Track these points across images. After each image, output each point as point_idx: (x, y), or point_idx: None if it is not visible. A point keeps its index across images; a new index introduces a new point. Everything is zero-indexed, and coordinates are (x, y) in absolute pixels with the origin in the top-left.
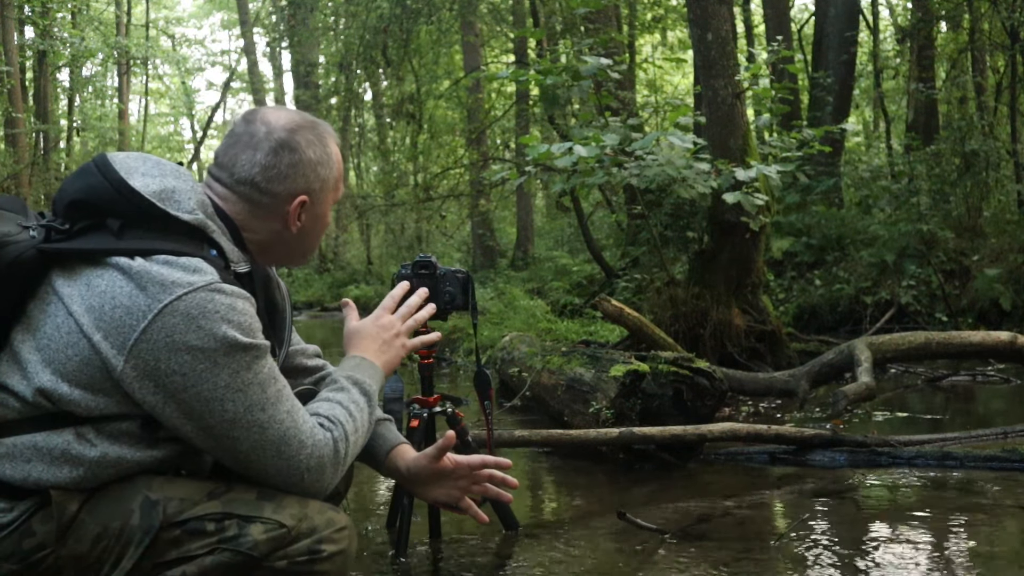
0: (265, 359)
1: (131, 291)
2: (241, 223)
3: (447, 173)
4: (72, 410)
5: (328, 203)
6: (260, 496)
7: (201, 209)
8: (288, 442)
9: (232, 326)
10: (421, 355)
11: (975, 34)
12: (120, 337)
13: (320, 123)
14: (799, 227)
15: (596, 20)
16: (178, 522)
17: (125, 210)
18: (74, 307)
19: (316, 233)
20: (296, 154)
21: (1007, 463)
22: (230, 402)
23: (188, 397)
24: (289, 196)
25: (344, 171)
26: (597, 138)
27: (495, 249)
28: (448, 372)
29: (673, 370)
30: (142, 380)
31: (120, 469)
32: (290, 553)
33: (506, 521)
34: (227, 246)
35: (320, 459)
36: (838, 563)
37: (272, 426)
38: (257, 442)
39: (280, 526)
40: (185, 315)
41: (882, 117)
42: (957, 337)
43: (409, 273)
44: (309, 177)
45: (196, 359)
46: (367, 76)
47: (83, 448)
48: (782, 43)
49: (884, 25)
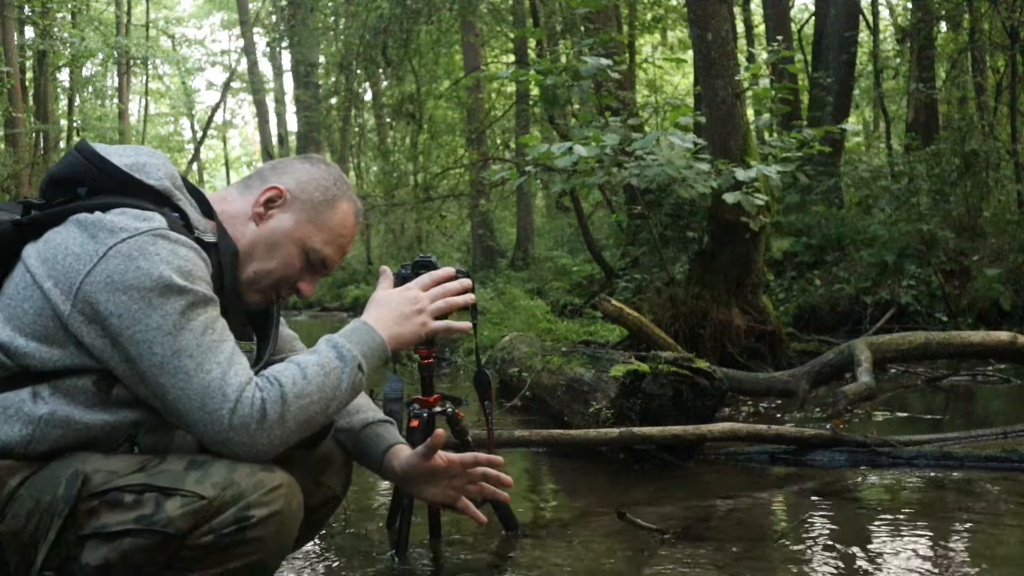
0: (205, 308)
1: (82, 240)
2: (223, 195)
3: (447, 173)
4: (28, 364)
5: (302, 234)
6: (189, 466)
7: (169, 179)
8: (212, 395)
9: (170, 268)
10: (421, 355)
11: (975, 34)
12: (67, 282)
13: (345, 182)
14: (799, 227)
15: (596, 20)
16: (98, 492)
17: (97, 179)
18: (31, 261)
19: (271, 249)
20: (302, 163)
21: (1007, 463)
22: (159, 345)
23: (124, 340)
24: (270, 186)
25: (347, 246)
26: (597, 138)
27: (495, 249)
28: (448, 372)
29: (673, 370)
30: (88, 325)
31: (68, 431)
32: (215, 526)
33: (506, 521)
34: (192, 214)
35: (244, 417)
36: (838, 563)
37: (198, 375)
38: (183, 391)
39: (199, 498)
40: (126, 256)
41: (882, 117)
42: (957, 337)
43: (409, 273)
44: (300, 184)
45: (132, 299)
46: (367, 76)
47: (34, 406)
48: (782, 43)
49: (884, 25)
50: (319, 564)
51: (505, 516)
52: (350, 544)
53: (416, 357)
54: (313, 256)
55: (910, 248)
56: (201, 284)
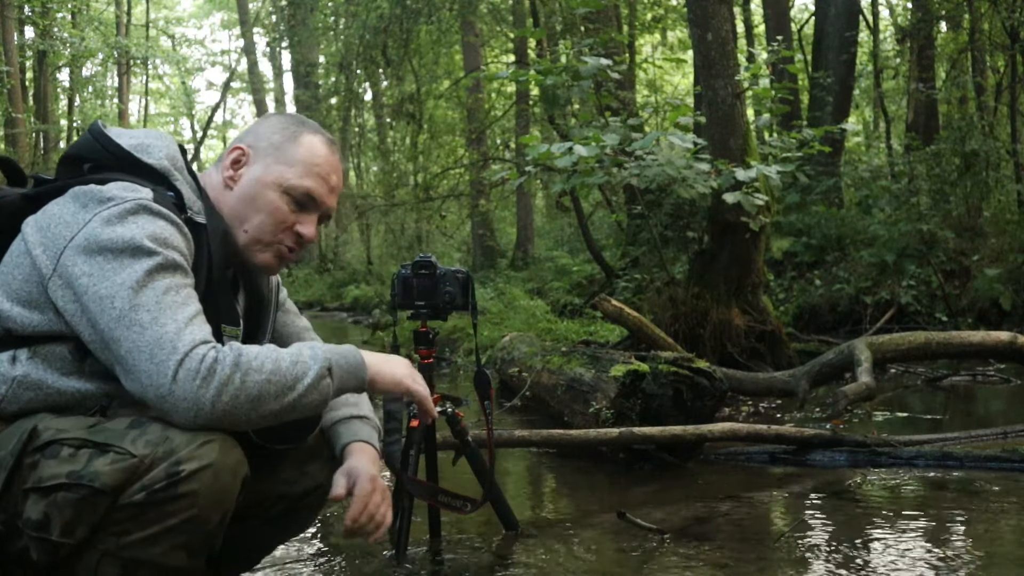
0: (172, 273)
1: (74, 209)
2: (207, 174)
3: (447, 173)
4: (10, 328)
5: (275, 176)
6: (131, 425)
7: (169, 160)
8: (162, 345)
9: (145, 233)
10: (421, 355)
11: (975, 34)
12: (54, 248)
13: (305, 121)
14: (799, 227)
15: (596, 20)
16: (41, 446)
17: (101, 157)
18: (27, 230)
19: (253, 202)
20: (259, 120)
21: (1007, 463)
22: (119, 299)
23: (89, 298)
24: (232, 147)
25: (329, 176)
26: (597, 138)
27: (495, 249)
28: (448, 372)
29: (673, 370)
30: (64, 289)
31: (39, 395)
32: (147, 483)
33: (506, 521)
34: (188, 194)
35: (189, 371)
36: (838, 563)
37: (152, 328)
38: (134, 343)
39: (130, 456)
40: (106, 220)
41: (882, 117)
42: (957, 337)
43: (409, 273)
44: (258, 135)
45: (104, 259)
46: (367, 76)
47: (10, 367)
48: (782, 43)
49: (884, 25)
50: (319, 564)
51: (505, 516)
52: (350, 544)
53: (416, 357)
54: (296, 194)
55: (910, 248)
56: (173, 252)
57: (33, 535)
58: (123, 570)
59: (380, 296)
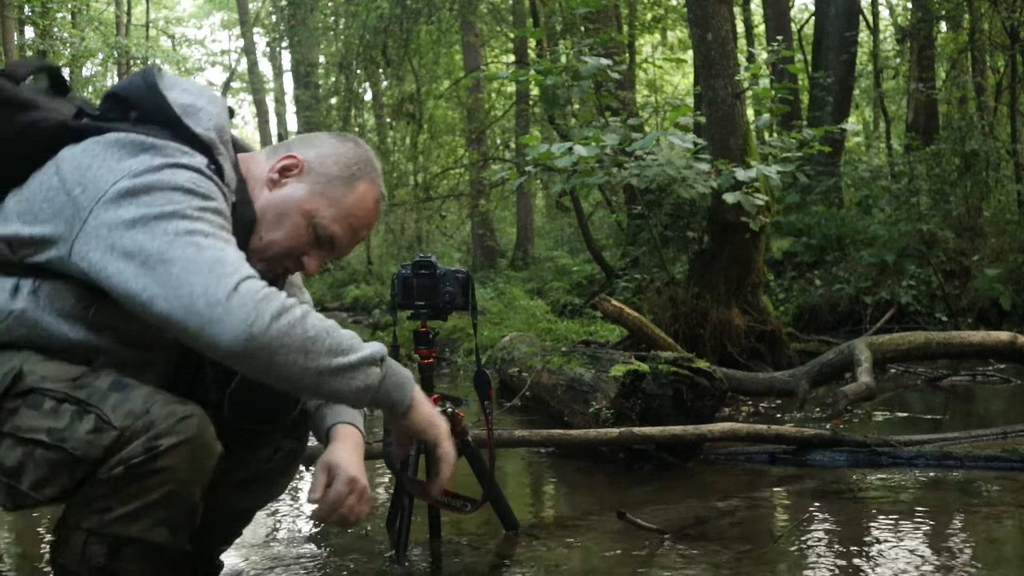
0: (225, 222)
1: (121, 155)
2: (253, 157)
3: (447, 173)
4: (24, 255)
5: (312, 206)
6: (113, 386)
7: (216, 131)
8: (224, 263)
9: (192, 184)
10: (421, 355)
11: (975, 34)
12: (95, 191)
13: (372, 165)
14: (799, 227)
15: (596, 20)
16: (23, 391)
17: (149, 109)
18: (64, 165)
19: (279, 218)
20: (332, 138)
21: (1007, 463)
22: (173, 224)
23: (138, 228)
24: (289, 154)
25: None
26: (597, 138)
27: (495, 249)
28: (448, 372)
29: (673, 370)
30: (101, 229)
31: (31, 333)
32: (125, 457)
33: (506, 521)
34: (228, 172)
35: (252, 288)
36: (838, 563)
37: (214, 249)
38: (192, 260)
39: (111, 427)
40: (158, 168)
41: (882, 117)
42: (957, 337)
43: (409, 273)
44: (320, 156)
45: (155, 196)
46: (367, 76)
47: (11, 300)
48: (782, 43)
49: (884, 25)
50: (319, 564)
51: (505, 516)
52: (350, 544)
53: (416, 357)
54: (320, 232)
55: (910, 248)
56: (225, 210)
57: (3, 479)
58: (109, 548)
59: (380, 296)
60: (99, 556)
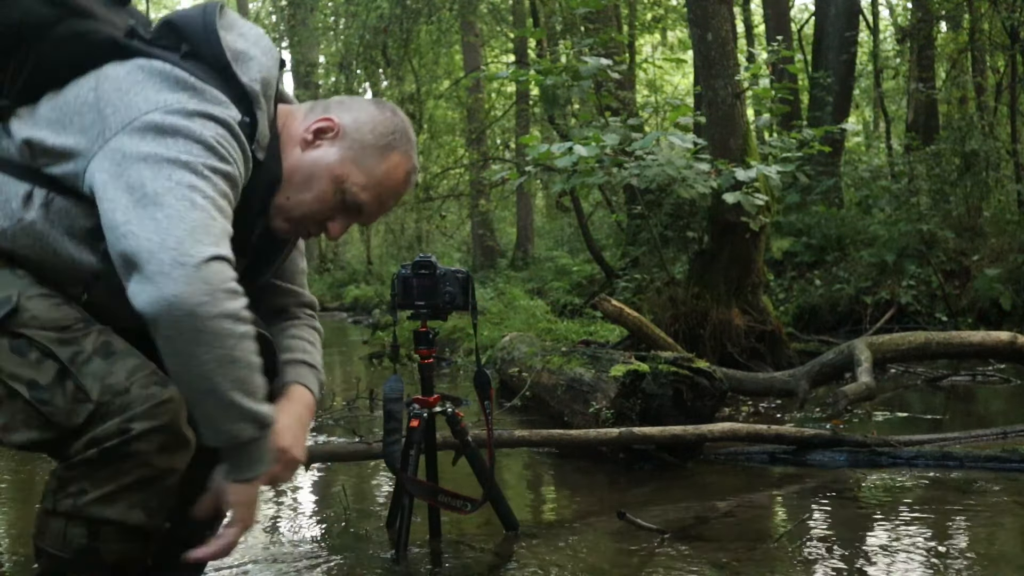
0: (232, 190)
1: (162, 86)
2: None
3: (447, 173)
4: (42, 164)
5: (342, 171)
6: (100, 350)
7: (262, 84)
8: (209, 232)
9: (222, 143)
10: (421, 355)
11: (975, 34)
12: (127, 116)
13: (408, 137)
14: (799, 227)
15: (596, 20)
16: (14, 331)
17: (200, 46)
18: (105, 84)
19: (308, 180)
20: (370, 104)
21: (1007, 463)
22: (178, 173)
23: (148, 164)
24: (326, 117)
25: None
26: (597, 138)
27: (495, 249)
28: (448, 372)
29: (673, 370)
30: (116, 154)
31: (36, 246)
32: (99, 437)
33: (506, 521)
34: (262, 128)
35: (219, 274)
36: (838, 563)
37: (203, 212)
38: (180, 215)
39: (88, 401)
40: (190, 113)
41: (882, 117)
42: (957, 337)
43: (409, 273)
44: (357, 122)
45: (178, 140)
46: (367, 76)
47: (22, 208)
48: (782, 43)
49: (884, 25)
50: (319, 564)
51: (505, 516)
52: (350, 544)
53: (416, 357)
54: (348, 198)
55: (910, 248)
56: (238, 175)
57: None
58: (89, 530)
59: (380, 296)
60: (80, 538)
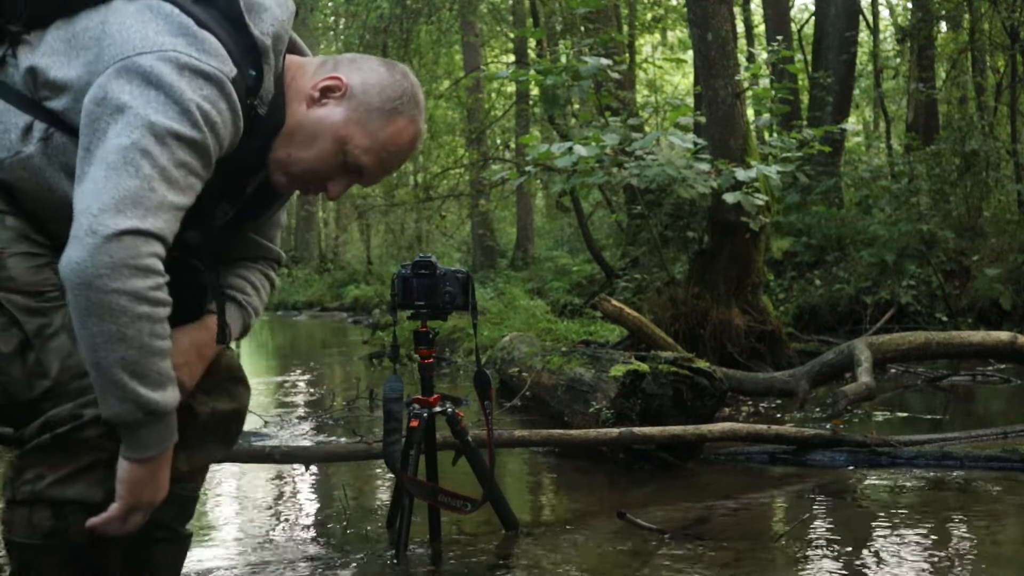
0: (198, 159)
1: (162, 29)
2: (302, 65)
3: (447, 173)
4: (41, 99)
5: (347, 132)
6: (68, 327)
7: (273, 38)
8: (137, 204)
9: (203, 107)
10: (421, 355)
11: (975, 34)
12: (121, 51)
13: (415, 101)
14: (799, 227)
15: (596, 20)
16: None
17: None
18: (111, 19)
19: (311, 138)
20: (380, 65)
21: (1007, 463)
22: (139, 134)
23: (122, 116)
24: (334, 75)
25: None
26: (597, 138)
27: (495, 249)
28: (448, 372)
29: (673, 370)
30: (98, 89)
31: (32, 179)
32: (52, 421)
33: (506, 521)
34: (268, 81)
35: (128, 249)
36: (838, 563)
37: (145, 183)
38: (118, 182)
39: (44, 378)
40: (181, 67)
41: (882, 117)
42: (957, 337)
43: (409, 273)
44: (365, 83)
45: (154, 95)
46: None
47: (21, 141)
48: (782, 43)
49: (884, 25)
50: (319, 564)
51: (505, 516)
52: (350, 544)
53: (416, 357)
54: (350, 160)
55: (910, 248)
56: (213, 142)
57: None
58: (54, 512)
59: (380, 296)
60: (45, 521)
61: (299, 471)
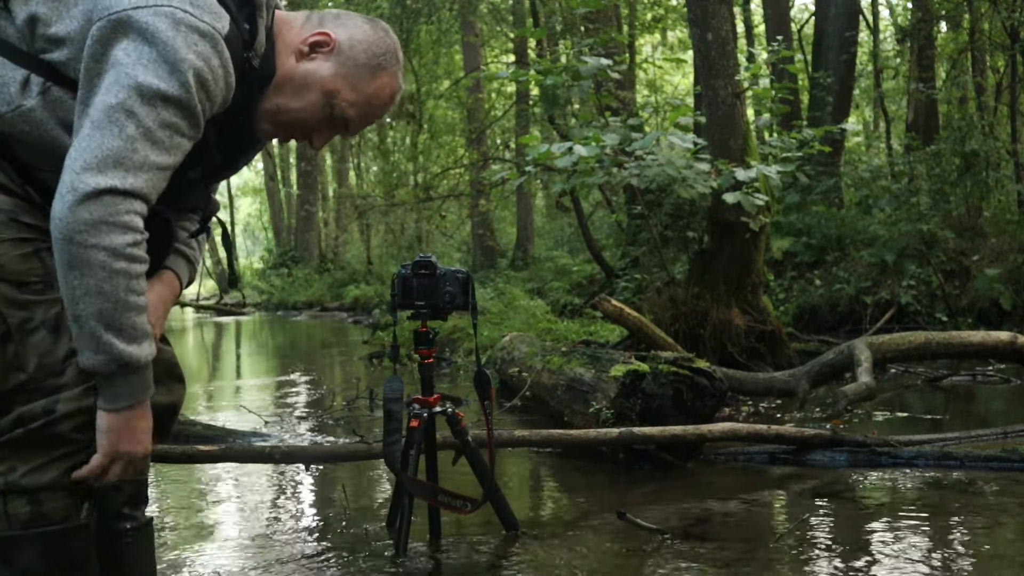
0: (186, 120)
1: None
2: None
3: (447, 173)
4: (38, 52)
5: (333, 86)
6: (50, 322)
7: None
8: (119, 164)
9: (196, 66)
10: (421, 355)
11: (975, 34)
12: (117, 3)
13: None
14: (799, 227)
15: (596, 20)
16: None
17: None
18: None
19: (299, 90)
20: (365, 23)
21: (1007, 463)
22: (127, 94)
23: (113, 71)
24: (323, 31)
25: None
26: (597, 138)
27: (495, 249)
28: (448, 372)
29: (673, 370)
30: (97, 45)
31: (32, 132)
32: (24, 416)
33: (506, 521)
34: (260, 37)
35: (106, 207)
36: (838, 563)
37: (129, 144)
38: (103, 140)
39: (21, 370)
40: (177, 22)
41: (882, 117)
42: (957, 337)
43: (409, 273)
44: (351, 40)
45: (147, 52)
46: None
47: (21, 94)
48: (782, 43)
49: (884, 25)
50: (319, 564)
51: (505, 516)
52: (350, 544)
53: (416, 357)
54: (336, 112)
55: (910, 248)
56: (203, 101)
57: None
58: (29, 500)
59: (380, 296)
60: (22, 508)
61: (299, 471)
